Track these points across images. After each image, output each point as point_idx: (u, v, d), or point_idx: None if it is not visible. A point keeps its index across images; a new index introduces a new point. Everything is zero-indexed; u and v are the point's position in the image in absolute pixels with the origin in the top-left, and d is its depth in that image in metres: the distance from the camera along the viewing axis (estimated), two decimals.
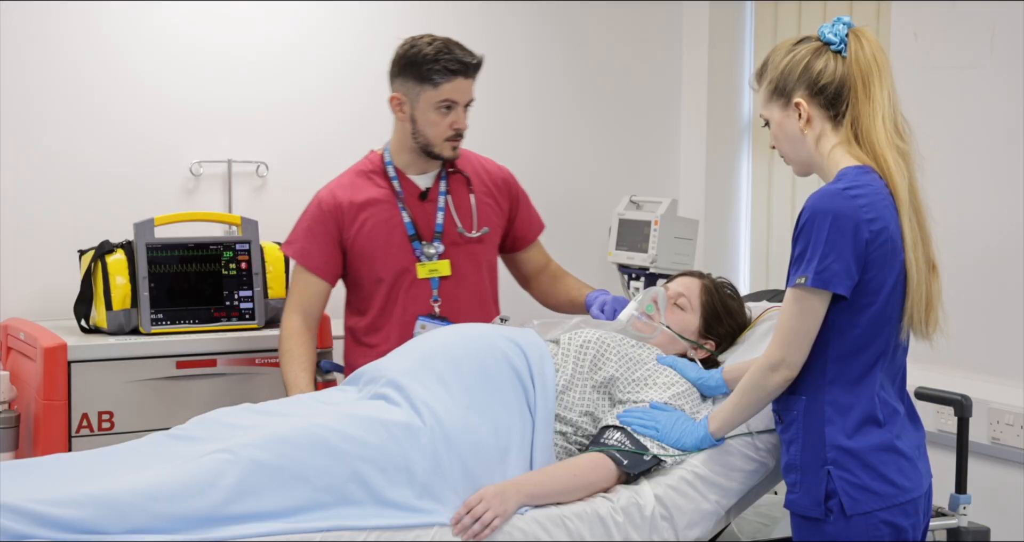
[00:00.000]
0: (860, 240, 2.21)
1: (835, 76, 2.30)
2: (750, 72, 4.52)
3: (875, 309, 2.26)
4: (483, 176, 3.25)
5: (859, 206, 2.21)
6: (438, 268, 3.13)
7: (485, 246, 3.22)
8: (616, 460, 2.46)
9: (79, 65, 3.68)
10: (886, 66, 2.32)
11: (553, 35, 4.38)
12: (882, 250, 2.24)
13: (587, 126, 4.45)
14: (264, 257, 3.48)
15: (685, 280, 2.88)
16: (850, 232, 2.21)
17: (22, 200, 3.61)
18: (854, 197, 2.22)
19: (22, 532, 2.05)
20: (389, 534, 2.25)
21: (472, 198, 3.19)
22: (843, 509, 2.26)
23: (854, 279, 2.23)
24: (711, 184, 4.52)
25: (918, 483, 2.31)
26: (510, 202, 3.27)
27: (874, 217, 2.22)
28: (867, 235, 2.22)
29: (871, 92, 2.29)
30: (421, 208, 3.15)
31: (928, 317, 2.31)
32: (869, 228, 2.22)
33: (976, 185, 3.50)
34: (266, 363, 3.34)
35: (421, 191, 3.16)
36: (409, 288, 3.12)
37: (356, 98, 4.07)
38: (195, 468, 2.22)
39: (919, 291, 2.28)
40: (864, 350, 2.28)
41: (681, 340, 2.78)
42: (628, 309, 2.83)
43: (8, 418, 3.19)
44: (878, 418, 2.28)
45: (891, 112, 2.30)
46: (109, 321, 3.28)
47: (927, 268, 2.30)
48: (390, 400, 2.48)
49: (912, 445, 2.33)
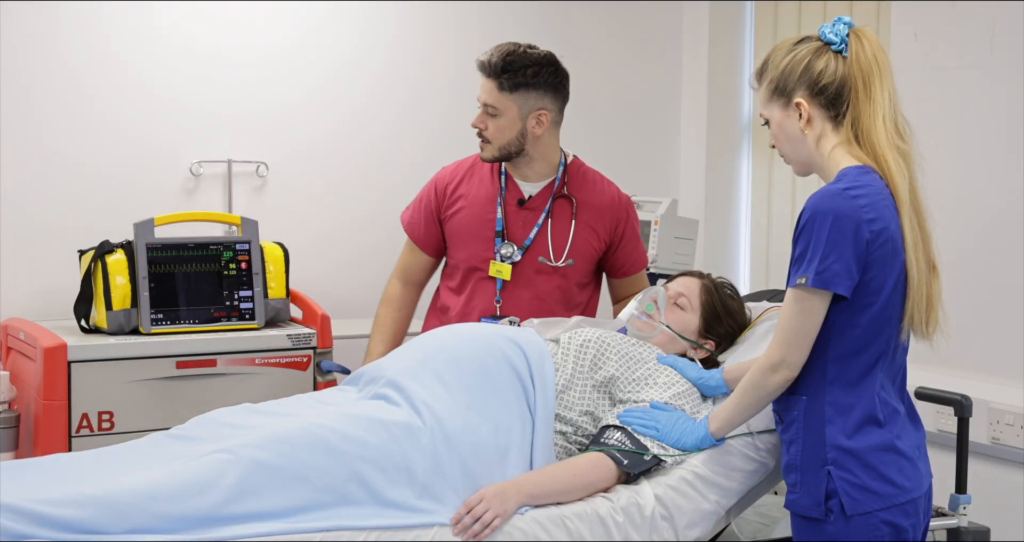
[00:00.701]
0: (861, 240, 2.21)
1: (836, 76, 2.29)
2: (750, 72, 4.51)
3: (875, 309, 2.25)
4: (594, 203, 3.15)
5: (860, 206, 2.21)
6: (502, 270, 3.12)
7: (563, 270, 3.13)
8: (616, 460, 2.45)
9: (79, 66, 3.68)
10: (887, 66, 2.31)
11: (553, 35, 4.38)
12: (883, 250, 2.23)
13: (587, 126, 4.45)
14: (264, 257, 3.48)
15: (685, 280, 2.88)
16: (851, 232, 2.20)
17: (22, 200, 3.61)
18: (855, 197, 2.21)
19: (22, 532, 2.05)
20: (389, 534, 2.24)
21: (572, 225, 3.13)
22: (843, 509, 2.25)
23: (855, 279, 2.22)
24: (711, 184, 4.52)
25: (918, 483, 2.30)
26: (612, 235, 3.17)
27: (875, 217, 2.22)
28: (868, 235, 2.21)
29: (872, 92, 2.28)
30: (519, 215, 3.13)
31: (928, 317, 2.30)
32: (870, 228, 2.21)
33: (976, 185, 3.50)
34: (266, 363, 3.34)
35: (521, 197, 3.14)
36: (479, 282, 3.15)
37: (356, 98, 4.08)
38: (195, 468, 2.22)
39: (919, 291, 2.27)
40: (864, 350, 2.28)
41: (681, 340, 2.78)
42: (628, 308, 2.83)
43: (8, 418, 3.19)
44: (878, 418, 2.28)
45: (891, 112, 2.30)
46: (109, 321, 3.28)
47: (927, 268, 2.30)
48: (390, 400, 2.48)
49: (912, 445, 2.33)
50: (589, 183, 3.18)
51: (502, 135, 3.05)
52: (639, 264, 3.24)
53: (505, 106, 3.02)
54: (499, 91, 3.01)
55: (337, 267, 3.98)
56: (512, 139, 3.06)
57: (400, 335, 3.28)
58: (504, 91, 3.01)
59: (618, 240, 3.17)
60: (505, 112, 3.03)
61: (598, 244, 3.15)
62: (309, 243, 3.93)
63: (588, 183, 3.17)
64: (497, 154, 3.08)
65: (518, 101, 3.02)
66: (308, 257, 3.85)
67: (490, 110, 3.04)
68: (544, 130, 3.07)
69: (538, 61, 3.03)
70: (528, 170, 3.13)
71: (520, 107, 3.03)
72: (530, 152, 3.09)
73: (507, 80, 3.00)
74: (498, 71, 3.00)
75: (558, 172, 3.14)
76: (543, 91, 3.04)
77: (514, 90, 3.01)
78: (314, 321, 3.44)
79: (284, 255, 3.52)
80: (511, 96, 3.02)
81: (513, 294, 3.12)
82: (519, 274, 3.11)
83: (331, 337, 3.44)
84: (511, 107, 3.03)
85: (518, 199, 3.14)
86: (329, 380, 3.39)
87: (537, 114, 3.04)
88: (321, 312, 3.45)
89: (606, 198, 3.17)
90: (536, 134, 3.06)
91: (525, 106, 3.03)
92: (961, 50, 3.10)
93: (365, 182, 4.07)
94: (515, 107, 3.03)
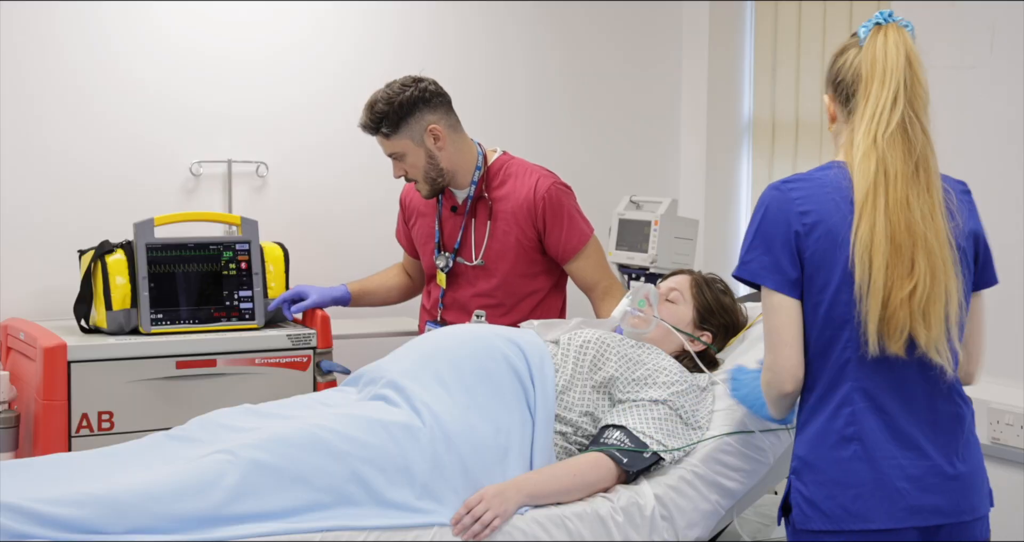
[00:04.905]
0: (790, 232, 2.12)
1: (848, 71, 2.17)
2: (750, 72, 4.52)
3: (824, 309, 2.11)
4: (513, 197, 3.29)
5: (792, 199, 2.13)
6: (440, 278, 3.36)
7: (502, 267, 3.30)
8: (616, 459, 2.46)
9: (79, 65, 3.68)
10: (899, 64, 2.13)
11: (553, 35, 4.38)
12: (819, 245, 2.11)
13: (587, 126, 4.45)
14: (264, 257, 3.48)
15: (675, 277, 2.93)
16: (781, 224, 2.13)
17: (22, 200, 3.61)
18: (789, 190, 2.15)
19: (22, 531, 2.05)
20: (389, 534, 2.25)
21: (488, 226, 3.29)
22: (794, 523, 2.13)
23: (787, 274, 2.12)
24: (711, 184, 4.52)
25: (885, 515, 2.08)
26: (535, 225, 3.29)
27: (808, 210, 2.12)
28: (798, 227, 2.12)
29: (870, 89, 2.13)
30: (453, 221, 3.35)
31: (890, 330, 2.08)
32: (801, 221, 2.12)
33: (975, 185, 3.48)
34: (266, 363, 3.34)
35: (455, 204, 3.35)
36: (434, 286, 3.41)
37: (356, 98, 4.04)
38: (196, 468, 2.22)
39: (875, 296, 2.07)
40: (826, 356, 2.13)
41: (677, 332, 2.79)
42: (621, 306, 2.84)
43: (8, 418, 3.19)
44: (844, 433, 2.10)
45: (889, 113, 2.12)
46: (109, 321, 3.28)
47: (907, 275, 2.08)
48: (390, 401, 2.48)
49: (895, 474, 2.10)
50: (511, 178, 3.32)
51: (419, 169, 3.25)
52: (571, 246, 3.31)
53: (402, 146, 3.22)
54: (388, 139, 3.23)
55: (337, 267, 3.97)
56: (427, 166, 3.24)
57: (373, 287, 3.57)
58: (392, 136, 3.21)
59: (542, 228, 3.29)
60: (406, 150, 3.23)
61: (525, 237, 3.28)
62: (309, 243, 3.93)
63: (510, 179, 3.31)
64: (430, 187, 3.28)
65: (406, 135, 3.22)
66: (308, 257, 3.85)
67: (396, 156, 3.25)
68: (445, 141, 3.23)
69: (396, 94, 3.20)
70: (454, 180, 3.31)
71: (412, 138, 3.22)
72: (446, 167, 3.26)
73: (385, 127, 3.20)
74: (375, 126, 3.21)
75: (475, 175, 3.31)
76: (418, 113, 3.21)
77: (396, 130, 3.20)
78: (314, 321, 3.44)
79: (284, 255, 3.52)
80: (398, 136, 3.21)
81: (450, 298, 3.36)
82: (453, 279, 3.35)
83: (331, 337, 3.44)
84: (405, 143, 3.22)
85: (451, 206, 3.35)
86: (329, 380, 3.39)
87: (429, 132, 3.21)
88: (321, 312, 3.45)
89: (523, 191, 3.29)
90: (440, 148, 3.23)
91: (415, 134, 3.22)
92: (961, 50, 3.10)
93: (365, 182, 4.07)
94: (408, 141, 3.22)
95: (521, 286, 3.31)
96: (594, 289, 3.35)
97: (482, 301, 3.31)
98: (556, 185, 3.30)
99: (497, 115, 4.19)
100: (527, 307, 3.32)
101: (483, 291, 3.31)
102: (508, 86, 4.27)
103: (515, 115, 4.29)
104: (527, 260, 3.31)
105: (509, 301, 3.30)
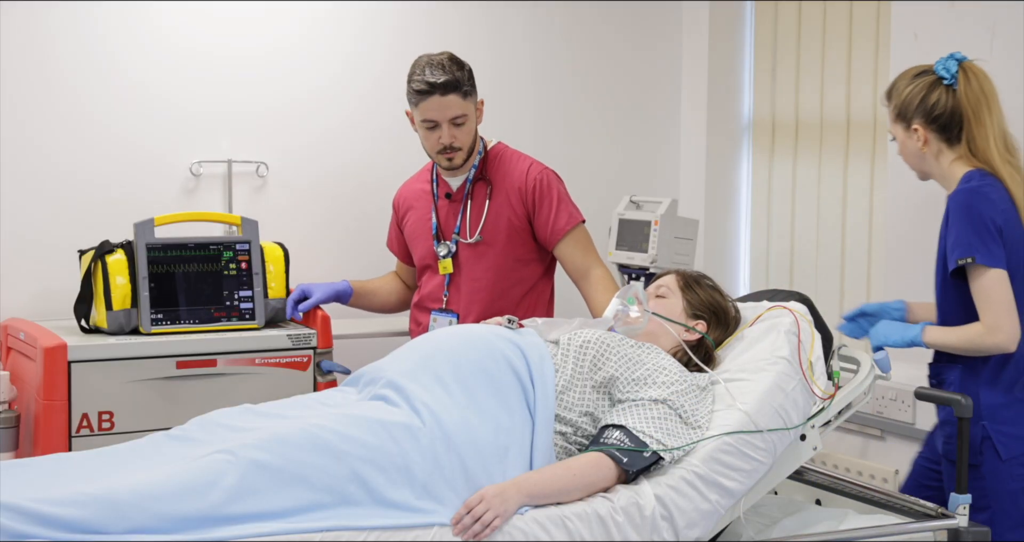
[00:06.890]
0: (997, 226, 2.76)
1: (947, 108, 2.85)
2: (750, 72, 4.52)
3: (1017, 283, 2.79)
4: (509, 180, 3.38)
5: (992, 199, 2.77)
6: (446, 265, 3.39)
7: (495, 249, 3.37)
8: (616, 458, 2.46)
9: (78, 66, 3.68)
10: (993, 94, 2.86)
11: (553, 35, 4.39)
12: (1013, 234, 2.77)
13: (587, 126, 4.45)
14: (264, 257, 3.48)
15: (660, 278, 2.96)
16: (988, 219, 2.75)
17: (22, 200, 3.61)
18: (987, 193, 2.78)
19: (22, 531, 2.05)
20: (389, 534, 2.25)
21: (487, 204, 3.35)
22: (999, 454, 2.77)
23: (1004, 258, 2.74)
24: (711, 184, 4.52)
25: None
26: (526, 207, 3.37)
27: (1004, 208, 2.78)
28: (1000, 221, 2.76)
29: (981, 118, 2.83)
30: (449, 208, 3.41)
31: None
32: (1003, 217, 2.77)
33: None
34: (266, 363, 3.34)
35: (449, 191, 3.41)
36: (431, 276, 3.46)
37: (356, 98, 4.08)
38: (195, 468, 2.22)
39: None
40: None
41: (671, 324, 2.79)
42: (612, 306, 2.84)
43: (8, 418, 3.19)
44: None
45: (1000, 132, 2.85)
46: (109, 321, 3.28)
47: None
48: (389, 401, 2.49)
49: None
50: (507, 163, 3.41)
51: (469, 138, 3.33)
52: (558, 227, 3.38)
53: (469, 111, 3.29)
54: (464, 99, 3.26)
55: (337, 267, 3.98)
56: (475, 137, 3.36)
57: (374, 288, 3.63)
58: (468, 98, 3.28)
59: (532, 210, 3.36)
60: (469, 116, 3.30)
61: (518, 219, 3.37)
62: (309, 243, 3.93)
63: (505, 163, 3.41)
64: (466, 158, 3.34)
65: (473, 102, 3.31)
66: (308, 257, 3.85)
67: (458, 120, 3.27)
68: (482, 116, 3.38)
69: (462, 63, 3.29)
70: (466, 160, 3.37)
71: (475, 104, 3.33)
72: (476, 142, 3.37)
73: (467, 85, 3.26)
74: (457, 83, 3.24)
75: (476, 159, 3.39)
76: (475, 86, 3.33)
77: (469, 94, 3.28)
78: (314, 321, 3.44)
79: (284, 255, 3.52)
80: (473, 97, 3.31)
81: (455, 283, 3.40)
82: (458, 263, 3.40)
83: (331, 337, 3.44)
84: (471, 107, 3.30)
85: (446, 193, 3.42)
86: (329, 380, 3.39)
87: (479, 108, 3.35)
88: (321, 312, 3.45)
89: (516, 173, 3.39)
90: (479, 121, 3.37)
91: (476, 101, 3.34)
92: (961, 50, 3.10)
93: (365, 182, 4.07)
94: (472, 107, 3.31)
95: (513, 271, 3.38)
96: (585, 277, 3.39)
97: (476, 284, 3.36)
98: (547, 170, 3.42)
99: (497, 115, 4.17)
100: (517, 294, 3.39)
101: (478, 274, 3.38)
102: (508, 86, 4.27)
103: (515, 115, 4.29)
104: (519, 241, 3.38)
105: (501, 285, 3.37)
